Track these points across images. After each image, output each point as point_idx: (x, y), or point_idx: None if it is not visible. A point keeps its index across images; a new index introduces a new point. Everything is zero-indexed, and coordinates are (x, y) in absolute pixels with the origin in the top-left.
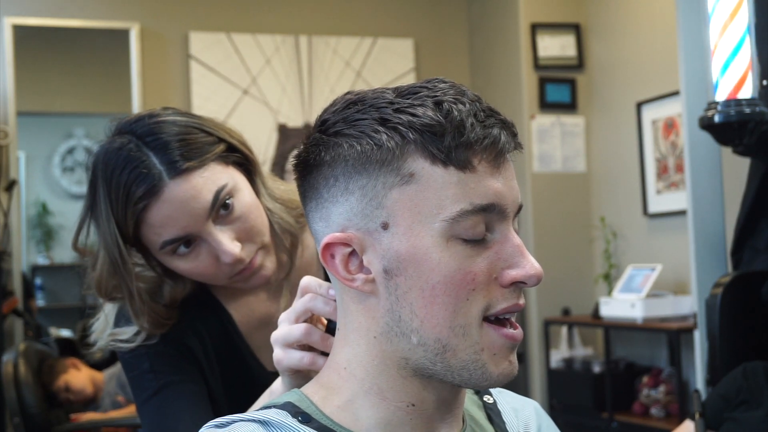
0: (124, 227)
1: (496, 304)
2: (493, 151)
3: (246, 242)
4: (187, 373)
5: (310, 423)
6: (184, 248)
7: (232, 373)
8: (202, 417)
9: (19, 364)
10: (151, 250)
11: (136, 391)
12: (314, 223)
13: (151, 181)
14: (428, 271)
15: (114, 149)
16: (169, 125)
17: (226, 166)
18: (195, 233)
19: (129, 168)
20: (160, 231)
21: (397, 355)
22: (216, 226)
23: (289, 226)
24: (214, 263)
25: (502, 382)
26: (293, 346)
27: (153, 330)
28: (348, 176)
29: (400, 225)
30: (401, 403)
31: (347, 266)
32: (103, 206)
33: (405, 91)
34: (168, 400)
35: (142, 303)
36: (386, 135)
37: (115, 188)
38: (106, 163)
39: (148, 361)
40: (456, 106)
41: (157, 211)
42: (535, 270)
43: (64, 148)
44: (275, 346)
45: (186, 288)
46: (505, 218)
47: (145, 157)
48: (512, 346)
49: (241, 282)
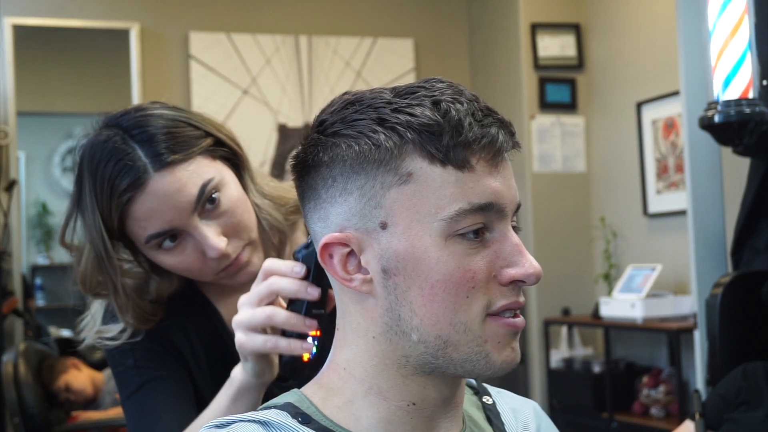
0: (109, 220)
1: (496, 302)
2: (491, 151)
3: (232, 237)
4: (171, 369)
5: (310, 424)
6: (169, 242)
7: (219, 369)
8: (182, 414)
9: (19, 364)
10: (136, 244)
11: (121, 387)
12: (313, 224)
13: (135, 174)
14: (427, 270)
15: (100, 142)
16: (156, 118)
17: (213, 160)
18: (180, 227)
19: (114, 160)
20: (145, 224)
21: (397, 354)
22: (202, 221)
23: (278, 223)
24: (200, 258)
25: (506, 370)
26: (257, 330)
27: (138, 325)
28: (346, 176)
29: (399, 224)
30: (402, 403)
31: (345, 266)
32: (88, 199)
33: (403, 91)
34: (150, 397)
35: (127, 298)
36: (384, 135)
37: (100, 181)
38: (92, 155)
39: (133, 357)
40: (454, 106)
41: (142, 204)
42: (534, 269)
43: (64, 148)
44: (237, 331)
45: (173, 284)
46: (503, 217)
47: (131, 149)
48: (515, 333)
49: (227, 278)
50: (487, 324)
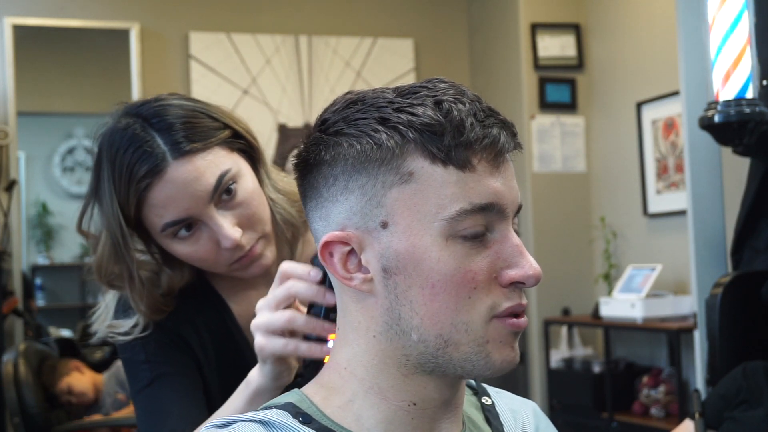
0: (126, 207)
1: (500, 305)
2: (492, 151)
3: (247, 229)
4: (181, 365)
5: (311, 424)
6: (185, 231)
7: (229, 366)
8: (192, 410)
9: (19, 364)
10: (152, 232)
11: (131, 381)
12: (314, 223)
13: (154, 161)
14: (428, 269)
15: (119, 129)
16: (175, 108)
17: (230, 152)
18: (196, 216)
19: (133, 147)
20: (161, 212)
21: (398, 353)
22: (218, 211)
23: (291, 218)
24: (214, 248)
25: (505, 370)
26: (276, 333)
27: (151, 316)
28: (348, 175)
29: (400, 224)
30: (402, 402)
31: (346, 265)
32: (106, 186)
33: (405, 90)
34: (161, 392)
35: (142, 287)
36: (386, 134)
37: (119, 167)
38: (111, 143)
39: (144, 352)
40: (456, 106)
41: (160, 192)
42: (534, 270)
43: (64, 148)
44: (256, 334)
45: (184, 277)
46: (504, 218)
47: (150, 137)
48: (516, 333)
49: (240, 270)
50: (491, 325)
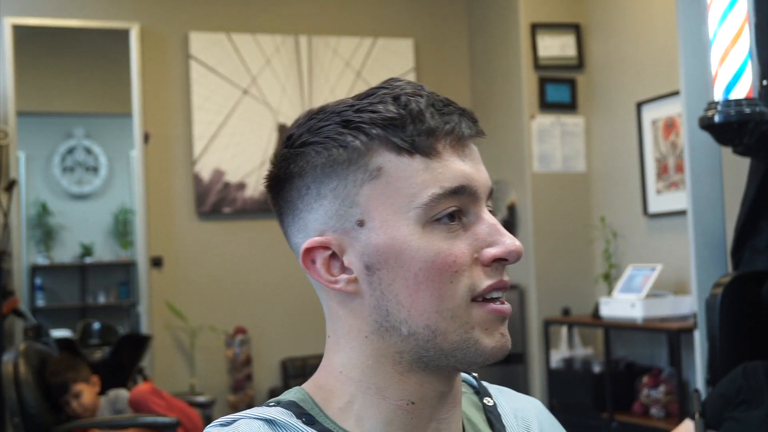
0: None
1: (480, 284)
2: (455, 137)
3: None
4: None
5: (314, 425)
6: None
7: None
8: None
9: (19, 364)
10: None
11: None
12: (293, 237)
13: None
14: (409, 259)
15: None
16: None
17: None
18: None
19: None
20: None
21: (391, 350)
22: None
23: None
24: None
25: (497, 357)
26: None
27: None
28: (319, 182)
29: (376, 219)
30: (401, 402)
31: (329, 269)
32: None
33: (364, 94)
34: None
35: None
36: (350, 135)
37: None
38: None
39: None
40: (414, 99)
41: None
42: (514, 246)
43: (64, 148)
44: None
45: None
46: (477, 200)
47: None
48: (502, 319)
49: None
50: (473, 309)
